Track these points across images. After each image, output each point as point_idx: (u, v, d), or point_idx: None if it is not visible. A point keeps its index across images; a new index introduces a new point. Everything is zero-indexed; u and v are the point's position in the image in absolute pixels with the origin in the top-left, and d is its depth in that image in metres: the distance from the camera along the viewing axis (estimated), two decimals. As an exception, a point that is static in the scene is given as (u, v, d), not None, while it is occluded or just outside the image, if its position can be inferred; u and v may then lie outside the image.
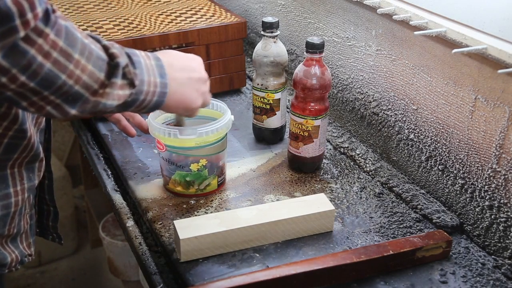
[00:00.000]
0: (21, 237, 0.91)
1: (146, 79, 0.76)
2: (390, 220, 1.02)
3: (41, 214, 1.03)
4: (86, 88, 0.68)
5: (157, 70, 0.78)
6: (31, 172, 0.88)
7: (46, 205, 1.03)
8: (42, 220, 1.04)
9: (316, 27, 1.39)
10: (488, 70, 0.92)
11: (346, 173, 1.16)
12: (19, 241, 0.90)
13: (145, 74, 0.76)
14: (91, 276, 2.25)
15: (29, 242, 0.94)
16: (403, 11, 1.06)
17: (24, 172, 0.86)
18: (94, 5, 1.52)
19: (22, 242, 0.91)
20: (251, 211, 0.96)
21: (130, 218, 1.06)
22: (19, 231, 0.89)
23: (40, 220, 1.03)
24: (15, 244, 0.89)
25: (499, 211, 0.94)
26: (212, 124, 1.01)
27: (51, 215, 1.04)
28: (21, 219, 0.89)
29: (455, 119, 1.02)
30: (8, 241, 0.88)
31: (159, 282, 0.92)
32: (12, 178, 0.84)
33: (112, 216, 1.95)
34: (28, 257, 0.93)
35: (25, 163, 0.86)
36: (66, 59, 0.65)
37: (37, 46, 0.62)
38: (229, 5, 1.84)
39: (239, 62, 1.44)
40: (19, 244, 0.90)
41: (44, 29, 0.62)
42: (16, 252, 0.89)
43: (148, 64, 0.77)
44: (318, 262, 0.87)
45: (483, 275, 0.91)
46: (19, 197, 0.86)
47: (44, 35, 0.62)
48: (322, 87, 1.07)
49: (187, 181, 1.05)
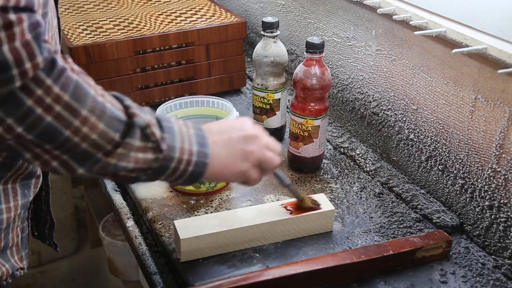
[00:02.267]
0: (11, 250, 0.86)
1: (178, 146, 0.71)
2: (390, 220, 1.02)
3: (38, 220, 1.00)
4: (96, 148, 0.65)
5: (195, 138, 0.73)
6: (26, 189, 0.83)
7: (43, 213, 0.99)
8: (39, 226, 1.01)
9: (316, 27, 1.39)
10: (488, 70, 0.92)
11: (346, 173, 1.16)
12: (9, 254, 0.86)
13: (177, 141, 0.71)
14: (91, 276, 2.25)
15: (21, 256, 0.89)
16: (403, 11, 1.06)
17: (18, 188, 0.81)
18: (94, 5, 1.52)
19: (13, 255, 0.87)
20: (251, 211, 0.96)
21: (130, 218, 1.06)
22: (7, 245, 0.85)
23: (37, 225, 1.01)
24: (5, 258, 0.85)
25: (499, 211, 0.94)
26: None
27: (48, 223, 1.00)
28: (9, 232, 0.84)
29: (455, 119, 1.02)
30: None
31: (159, 282, 0.92)
32: (4, 194, 0.79)
33: (112, 216, 1.95)
34: (19, 271, 0.88)
35: (20, 179, 0.81)
36: (71, 114, 0.62)
37: (36, 97, 0.59)
38: (229, 5, 1.84)
39: (239, 62, 1.44)
40: (10, 258, 0.86)
41: (46, 80, 0.59)
42: (7, 265, 0.85)
43: (184, 131, 0.72)
44: (318, 262, 0.87)
45: (483, 275, 0.91)
46: (12, 213, 0.81)
47: (45, 86, 0.59)
48: (322, 87, 1.07)
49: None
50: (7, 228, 0.83)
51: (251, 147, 0.78)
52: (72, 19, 1.42)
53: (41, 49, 0.59)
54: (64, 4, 1.52)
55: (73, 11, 1.47)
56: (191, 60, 1.38)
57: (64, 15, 1.45)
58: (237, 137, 0.77)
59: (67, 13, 1.46)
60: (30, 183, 0.84)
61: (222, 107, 1.10)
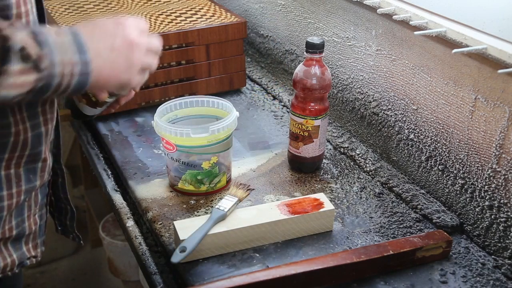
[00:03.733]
0: (28, 238, 0.86)
1: (57, 59, 0.66)
2: (390, 220, 1.02)
3: (60, 212, 0.98)
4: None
5: (74, 46, 0.68)
6: (31, 173, 0.82)
7: (63, 203, 0.97)
8: (61, 219, 0.99)
9: (316, 27, 1.39)
10: (488, 70, 0.92)
11: (346, 173, 1.16)
12: (23, 242, 0.85)
13: (55, 54, 0.66)
14: (91, 276, 2.25)
15: (36, 243, 0.88)
16: (403, 11, 1.06)
17: (22, 173, 0.80)
18: (94, 5, 1.52)
19: (27, 243, 0.86)
20: (251, 211, 0.96)
21: (130, 218, 1.06)
22: (23, 233, 0.84)
23: (59, 218, 0.99)
24: (15, 246, 0.84)
25: (499, 211, 0.94)
26: (222, 122, 1.02)
27: (69, 213, 0.98)
28: (25, 220, 0.84)
29: (455, 119, 1.02)
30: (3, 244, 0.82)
31: (159, 282, 0.92)
32: (7, 180, 0.78)
33: (112, 216, 1.95)
34: (31, 259, 0.87)
35: (24, 163, 0.79)
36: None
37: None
38: (229, 5, 1.84)
39: (239, 62, 1.44)
40: (22, 246, 0.85)
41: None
42: (14, 255, 0.84)
43: (59, 42, 0.67)
44: (318, 262, 0.87)
45: (483, 275, 0.91)
46: (13, 200, 0.80)
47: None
48: (322, 87, 1.07)
49: (198, 179, 1.05)
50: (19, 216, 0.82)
51: (136, 55, 0.74)
52: (72, 19, 1.42)
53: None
54: (64, 4, 1.52)
55: (73, 11, 1.47)
56: (191, 60, 1.38)
57: (64, 15, 1.44)
58: (121, 44, 0.73)
59: (67, 13, 1.46)
60: (36, 167, 0.82)
61: (222, 107, 1.10)
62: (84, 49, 0.68)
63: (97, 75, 0.71)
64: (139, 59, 0.75)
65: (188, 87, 1.40)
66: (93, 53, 0.69)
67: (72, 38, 0.68)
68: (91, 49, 0.69)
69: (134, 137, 1.28)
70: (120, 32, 0.73)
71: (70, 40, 0.68)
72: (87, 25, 0.73)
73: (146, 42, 0.77)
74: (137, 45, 0.74)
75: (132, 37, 0.74)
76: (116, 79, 0.74)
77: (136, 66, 0.75)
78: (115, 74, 0.73)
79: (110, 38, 0.72)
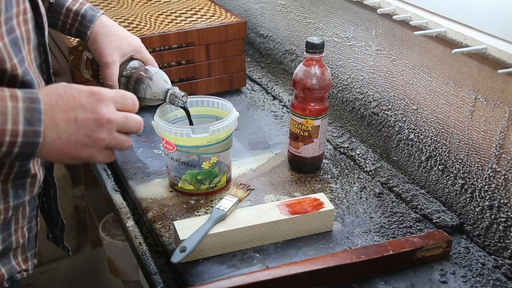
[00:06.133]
0: (15, 251, 0.82)
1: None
2: (390, 220, 1.02)
3: (51, 221, 0.97)
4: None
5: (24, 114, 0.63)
6: (20, 189, 0.77)
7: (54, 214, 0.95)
8: (52, 228, 0.98)
9: (316, 27, 1.39)
10: (488, 70, 0.92)
11: (346, 173, 1.16)
12: (11, 256, 0.82)
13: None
14: (91, 276, 2.25)
15: (26, 256, 0.85)
16: (403, 11, 1.06)
17: (10, 189, 0.76)
18: (94, 5, 1.52)
19: (16, 257, 0.83)
20: (251, 211, 0.96)
21: (130, 218, 1.06)
22: (9, 247, 0.80)
23: (51, 227, 0.98)
24: (3, 261, 0.80)
25: (499, 211, 0.94)
26: (222, 122, 1.02)
27: (59, 224, 0.97)
28: (11, 234, 0.80)
29: (455, 119, 1.02)
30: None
31: (159, 282, 0.92)
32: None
33: (112, 216, 1.95)
34: (22, 273, 0.83)
35: (12, 180, 0.76)
36: None
37: None
38: (229, 5, 1.84)
39: (239, 62, 1.44)
40: (10, 260, 0.81)
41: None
42: (3, 269, 0.80)
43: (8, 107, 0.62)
44: (318, 262, 0.87)
45: (483, 275, 0.91)
46: (1, 217, 0.76)
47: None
48: (322, 87, 1.07)
49: (198, 179, 1.05)
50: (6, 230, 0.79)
51: (101, 134, 0.68)
52: (72, 19, 1.42)
53: None
54: (64, 4, 1.52)
55: (73, 11, 1.47)
56: (191, 60, 1.38)
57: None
58: (85, 119, 0.67)
59: (67, 13, 1.46)
60: (24, 182, 0.79)
61: (222, 107, 1.10)
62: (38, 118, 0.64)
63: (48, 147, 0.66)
64: (105, 137, 0.69)
65: (188, 87, 1.40)
66: (50, 124, 0.65)
67: (25, 106, 0.63)
68: (48, 119, 0.65)
69: (134, 137, 1.28)
70: (90, 104, 0.67)
71: (22, 107, 0.63)
72: (57, 89, 0.67)
73: (121, 120, 0.70)
74: (107, 121, 0.68)
75: (103, 113, 0.68)
76: (73, 154, 0.68)
77: (100, 143, 0.69)
78: (73, 148, 0.67)
79: (76, 109, 0.67)
